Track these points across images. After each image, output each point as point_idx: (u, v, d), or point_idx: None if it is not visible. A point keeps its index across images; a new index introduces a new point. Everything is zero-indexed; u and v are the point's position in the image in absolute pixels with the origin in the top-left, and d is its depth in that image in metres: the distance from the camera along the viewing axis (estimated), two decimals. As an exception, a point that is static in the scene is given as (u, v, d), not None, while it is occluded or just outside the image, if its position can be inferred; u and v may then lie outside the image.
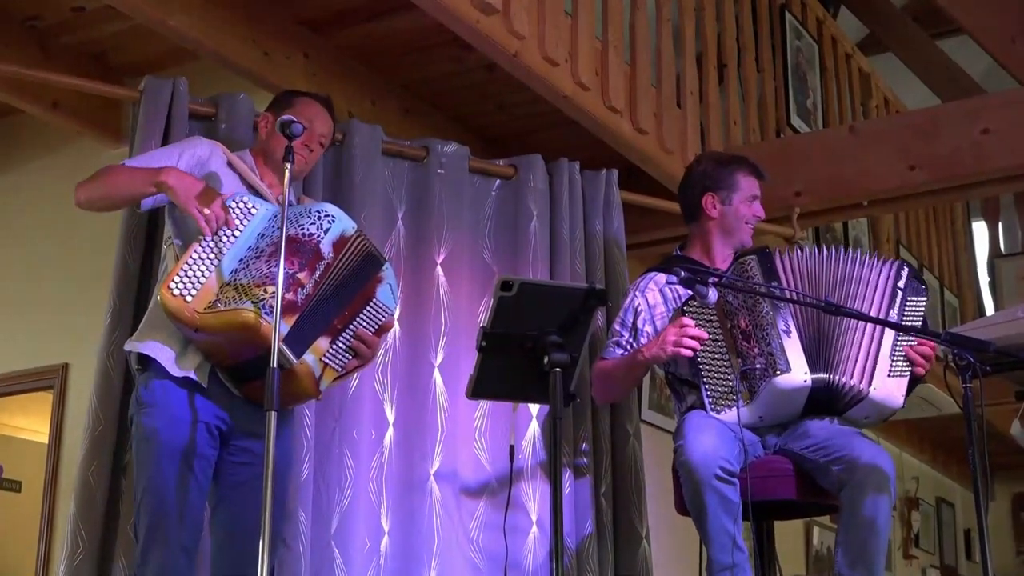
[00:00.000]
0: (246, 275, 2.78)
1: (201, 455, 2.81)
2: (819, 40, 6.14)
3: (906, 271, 3.37)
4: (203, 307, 2.73)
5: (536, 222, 4.04)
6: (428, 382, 3.74)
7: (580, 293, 3.04)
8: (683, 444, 3.15)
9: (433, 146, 3.97)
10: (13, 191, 4.99)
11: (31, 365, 4.71)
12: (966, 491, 9.21)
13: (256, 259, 2.81)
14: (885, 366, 3.26)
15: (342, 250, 2.92)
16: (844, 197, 4.85)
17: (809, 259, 3.35)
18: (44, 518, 4.47)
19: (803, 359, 3.21)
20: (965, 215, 8.38)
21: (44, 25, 4.20)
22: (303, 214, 2.93)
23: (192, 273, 2.75)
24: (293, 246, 2.83)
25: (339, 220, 2.96)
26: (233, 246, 2.81)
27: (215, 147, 3.06)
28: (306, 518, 3.40)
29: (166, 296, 2.73)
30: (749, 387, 3.23)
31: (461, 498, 3.71)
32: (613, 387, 3.56)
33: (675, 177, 4.62)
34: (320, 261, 2.88)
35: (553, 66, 3.93)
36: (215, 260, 2.78)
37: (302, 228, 2.89)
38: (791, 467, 3.29)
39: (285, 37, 3.92)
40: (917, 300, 3.35)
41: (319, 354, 2.88)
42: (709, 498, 3.09)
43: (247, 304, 2.73)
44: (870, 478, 3.13)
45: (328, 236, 2.91)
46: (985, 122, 4.52)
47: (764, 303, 3.25)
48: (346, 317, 2.93)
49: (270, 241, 2.84)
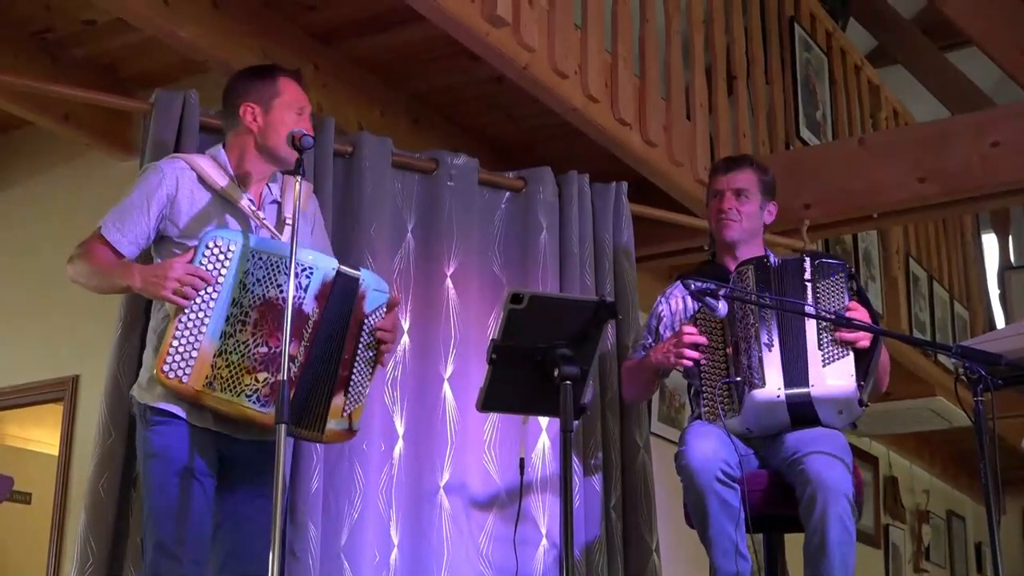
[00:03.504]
0: (236, 349, 2.71)
1: (210, 473, 2.81)
2: (828, 52, 6.14)
3: (807, 262, 3.35)
4: (201, 384, 2.69)
5: (546, 234, 4.04)
6: (438, 394, 3.74)
7: (590, 306, 3.04)
8: (683, 449, 3.18)
9: (443, 158, 3.97)
10: (24, 202, 5.00)
11: (42, 377, 4.72)
12: (977, 504, 9.17)
13: (242, 325, 2.72)
14: (817, 359, 3.23)
15: (324, 299, 2.81)
16: (854, 209, 4.85)
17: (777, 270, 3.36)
18: (54, 530, 4.47)
19: (780, 374, 3.21)
20: (975, 227, 8.36)
21: (55, 37, 4.21)
22: (280, 269, 2.75)
23: (182, 350, 2.69)
24: (274, 313, 2.72)
25: (317, 269, 2.80)
26: (216, 305, 2.72)
27: (179, 169, 2.92)
28: (316, 530, 3.39)
29: (162, 378, 2.69)
30: (736, 399, 3.24)
31: (471, 511, 3.70)
32: (634, 387, 3.64)
33: (685, 189, 4.64)
34: (307, 324, 2.79)
35: (563, 79, 3.94)
36: (201, 327, 2.70)
37: (281, 290, 2.74)
38: (765, 482, 3.28)
39: (295, 48, 3.93)
40: (830, 281, 3.31)
41: (339, 413, 2.87)
42: (711, 502, 3.10)
43: (242, 398, 2.71)
44: (818, 493, 3.07)
45: (309, 292, 2.79)
46: (995, 135, 4.51)
47: (751, 315, 3.26)
48: (348, 360, 2.88)
49: (251, 299, 2.73)
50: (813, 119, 5.80)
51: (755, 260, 3.40)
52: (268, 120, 2.96)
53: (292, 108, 2.98)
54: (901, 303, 6.46)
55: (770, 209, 3.60)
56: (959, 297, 7.68)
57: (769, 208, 3.60)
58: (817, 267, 3.34)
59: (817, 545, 3.07)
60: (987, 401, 2.89)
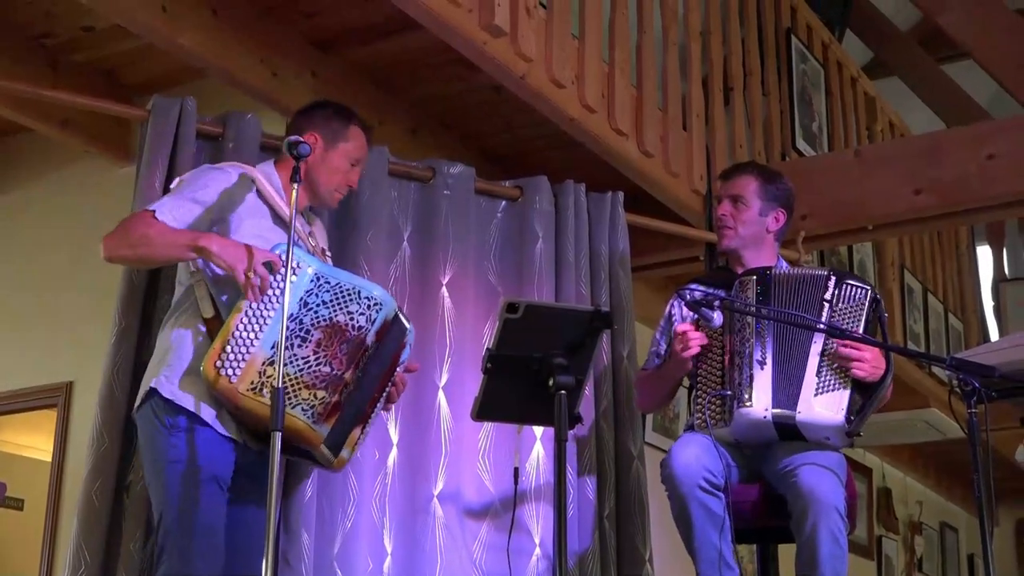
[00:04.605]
0: (293, 363, 2.74)
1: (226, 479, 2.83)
2: (825, 64, 6.16)
3: (832, 280, 3.29)
4: (246, 388, 2.71)
5: (542, 243, 4.04)
6: (432, 403, 3.74)
7: (586, 315, 3.05)
8: (667, 458, 3.18)
9: (439, 167, 3.98)
10: (22, 208, 5.01)
11: (36, 383, 4.72)
12: (970, 516, 9.18)
13: (302, 341, 2.76)
14: (811, 387, 3.19)
15: (383, 336, 2.90)
16: (849, 221, 4.85)
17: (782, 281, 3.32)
18: (47, 537, 4.47)
19: (769, 394, 3.19)
20: (970, 239, 8.37)
21: (54, 43, 4.22)
22: (351, 297, 2.84)
23: (237, 349, 2.72)
24: (341, 338, 2.79)
25: (384, 306, 2.89)
26: (276, 314, 2.74)
27: (244, 176, 2.96)
28: (309, 539, 3.39)
29: (211, 372, 2.71)
30: (727, 411, 3.23)
31: (464, 520, 3.70)
32: (651, 397, 3.63)
33: (681, 199, 4.65)
34: (365, 354, 2.85)
35: (560, 88, 3.95)
36: (259, 331, 2.74)
37: (352, 318, 2.82)
38: (757, 493, 3.28)
39: (294, 56, 3.94)
40: (850, 305, 3.25)
41: (352, 445, 2.93)
42: (694, 510, 3.09)
43: (297, 411, 2.72)
44: (809, 507, 3.06)
45: (374, 327, 2.87)
46: (991, 147, 4.52)
47: (747, 329, 3.25)
48: (375, 400, 2.96)
49: (314, 319, 2.78)
50: (809, 130, 5.81)
51: (759, 270, 3.37)
52: (325, 156, 3.07)
53: (350, 157, 3.10)
54: (896, 314, 6.47)
55: (776, 216, 3.53)
56: (953, 309, 7.69)
57: (775, 215, 3.53)
58: (839, 287, 3.27)
59: (808, 559, 3.06)
60: (981, 413, 2.90)
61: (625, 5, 4.39)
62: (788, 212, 3.58)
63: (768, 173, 3.61)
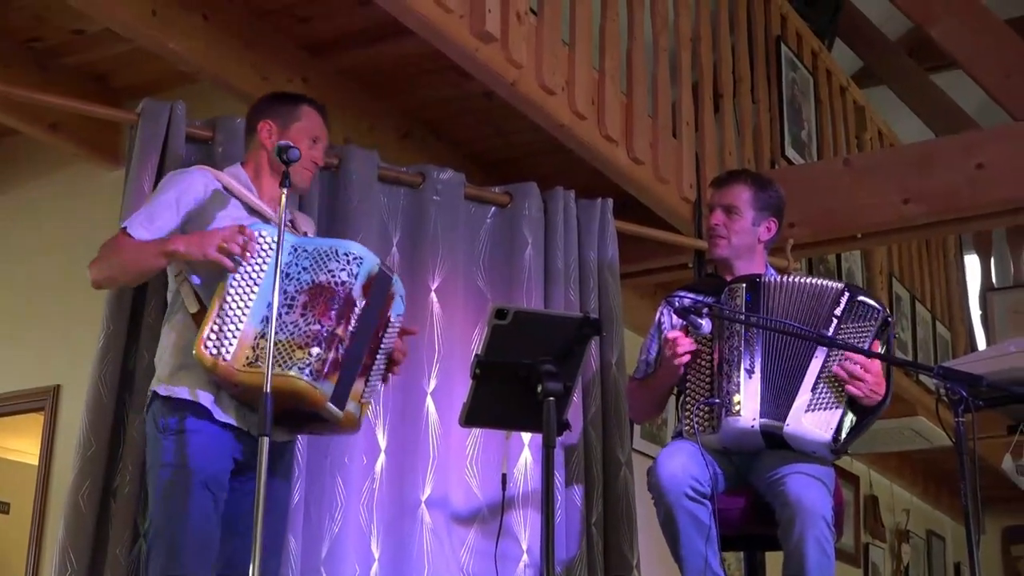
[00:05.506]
0: (284, 331, 2.75)
1: (224, 487, 2.84)
2: (814, 72, 6.18)
3: (845, 296, 3.27)
4: (242, 364, 2.73)
5: (531, 250, 4.04)
6: (420, 409, 3.74)
7: (574, 322, 3.05)
8: (653, 466, 3.17)
9: (429, 173, 3.98)
10: (10, 212, 4.99)
11: (23, 386, 4.70)
12: (956, 524, 9.19)
13: (288, 308, 2.78)
14: (804, 402, 3.18)
15: (369, 291, 2.90)
16: (838, 229, 4.86)
17: (782, 289, 3.30)
18: (33, 541, 4.45)
19: (757, 403, 3.19)
20: (957, 248, 8.41)
21: (44, 46, 4.21)
22: (329, 256, 2.86)
23: (224, 326, 2.74)
24: (327, 295, 2.81)
25: (365, 260, 2.91)
26: (260, 288, 2.78)
27: (206, 176, 3.02)
28: (296, 544, 3.38)
29: (202, 354, 2.73)
30: (716, 419, 3.23)
31: (452, 525, 3.70)
32: (643, 406, 3.62)
33: (670, 206, 4.65)
34: (354, 310, 2.86)
35: (550, 95, 3.95)
36: (245, 306, 2.77)
37: (333, 275, 2.84)
38: (744, 501, 3.28)
39: (285, 61, 3.94)
40: (859, 325, 3.23)
41: (357, 397, 2.93)
42: (680, 518, 3.08)
43: (294, 371, 2.73)
44: (796, 516, 3.05)
45: (358, 281, 2.88)
46: (980, 156, 4.54)
47: (736, 337, 3.25)
48: (372, 350, 2.96)
49: (298, 285, 2.81)
50: (798, 138, 5.83)
51: (748, 278, 3.36)
52: (282, 140, 3.03)
53: (307, 135, 3.10)
54: (884, 323, 6.48)
55: (768, 225, 3.52)
56: (941, 318, 7.72)
57: (767, 224, 3.51)
58: (852, 304, 3.25)
59: (795, 568, 3.06)
60: (968, 421, 2.90)
61: (615, 12, 4.40)
62: (779, 220, 3.58)
63: (761, 181, 3.60)
